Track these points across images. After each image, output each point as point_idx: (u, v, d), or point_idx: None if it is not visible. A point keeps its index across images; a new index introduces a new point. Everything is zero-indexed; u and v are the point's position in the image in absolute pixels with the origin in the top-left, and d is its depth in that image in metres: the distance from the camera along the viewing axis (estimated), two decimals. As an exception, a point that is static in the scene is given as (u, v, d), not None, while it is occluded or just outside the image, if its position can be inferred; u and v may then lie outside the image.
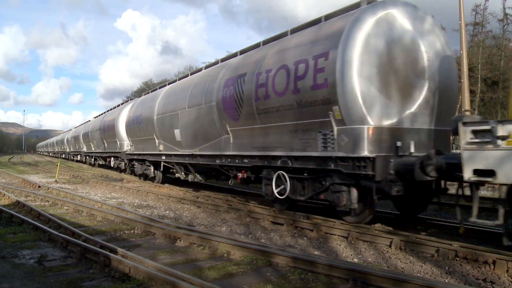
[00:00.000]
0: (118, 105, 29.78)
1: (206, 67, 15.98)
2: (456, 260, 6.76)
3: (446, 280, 5.96)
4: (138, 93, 53.02)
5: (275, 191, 10.38)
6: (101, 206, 12.53)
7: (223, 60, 14.55)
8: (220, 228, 9.69)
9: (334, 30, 9.11)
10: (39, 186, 18.65)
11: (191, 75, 17.04)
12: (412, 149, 8.35)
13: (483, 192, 6.49)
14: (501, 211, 6.32)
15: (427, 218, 10.05)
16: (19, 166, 42.62)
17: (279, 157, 10.22)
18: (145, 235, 8.86)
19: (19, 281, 5.81)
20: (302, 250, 7.62)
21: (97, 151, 33.04)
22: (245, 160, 11.59)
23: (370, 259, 7.09)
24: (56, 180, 22.69)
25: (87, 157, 39.45)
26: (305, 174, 9.76)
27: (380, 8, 8.72)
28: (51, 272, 6.21)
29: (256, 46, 12.67)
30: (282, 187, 10.26)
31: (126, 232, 9.20)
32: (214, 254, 7.25)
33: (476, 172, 6.43)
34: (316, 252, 7.52)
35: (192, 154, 14.52)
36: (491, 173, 6.22)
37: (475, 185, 6.66)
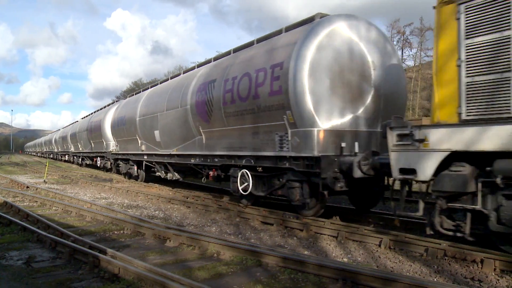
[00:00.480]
0: (105, 107, 30.61)
1: (184, 72, 17.09)
2: (445, 259, 6.82)
3: (435, 279, 6.00)
4: (128, 92, 52.79)
5: (240, 188, 11.28)
6: (90, 207, 12.46)
7: (198, 66, 15.66)
8: (210, 228, 9.68)
9: (289, 42, 10.05)
10: (27, 187, 18.48)
11: (170, 79, 18.02)
12: (357, 149, 9.22)
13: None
14: (421, 205, 7.09)
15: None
16: (6, 166, 42.15)
17: (243, 156, 11.19)
18: (135, 236, 8.82)
19: (6, 283, 5.75)
20: (292, 250, 7.64)
21: (85, 151, 33.84)
22: (216, 159, 12.55)
23: (359, 259, 7.13)
24: (44, 181, 22.50)
25: (75, 157, 40.17)
26: (260, 170, 10.85)
27: (330, 22, 9.62)
28: (40, 273, 6.16)
29: (227, 54, 13.58)
30: (246, 184, 11.13)
31: (115, 232, 9.15)
32: (204, 254, 7.24)
33: (401, 170, 7.16)
34: (306, 252, 7.54)
35: (170, 154, 15.54)
36: (413, 171, 6.96)
37: (402, 182, 7.39)
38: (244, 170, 11.18)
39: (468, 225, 6.56)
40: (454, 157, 6.54)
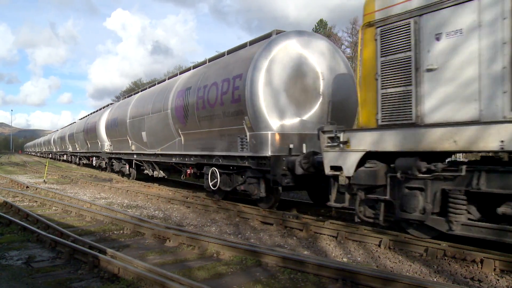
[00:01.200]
0: (100, 109, 32.11)
1: (169, 78, 18.59)
2: (445, 259, 6.82)
3: (435, 279, 6.01)
4: (127, 92, 52.77)
5: (210, 184, 12.70)
6: (90, 207, 12.46)
7: (180, 73, 17.27)
8: (209, 228, 9.68)
9: (248, 55, 11.33)
10: (27, 187, 18.48)
11: (157, 84, 19.55)
12: (304, 150, 10.38)
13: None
14: (347, 196, 8.41)
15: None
16: (6, 166, 42.14)
17: (213, 156, 12.63)
18: (135, 236, 8.82)
19: (6, 283, 5.75)
20: (291, 250, 7.63)
21: (81, 151, 35.32)
22: (192, 159, 14.02)
23: (359, 259, 7.13)
24: (44, 181, 22.50)
25: (73, 157, 41.48)
26: (231, 168, 12.14)
27: (284, 38, 10.93)
28: (39, 273, 6.16)
29: (204, 63, 15.18)
30: (215, 180, 12.51)
31: (115, 232, 9.15)
32: (204, 254, 7.24)
33: (331, 167, 8.43)
34: (305, 252, 7.54)
35: (155, 153, 17.08)
36: (340, 168, 8.23)
37: (332, 178, 8.58)
38: (213, 168, 12.62)
39: (382, 213, 7.86)
40: (369, 156, 7.86)
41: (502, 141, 6.08)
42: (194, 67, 15.83)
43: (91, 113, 35.53)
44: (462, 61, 6.73)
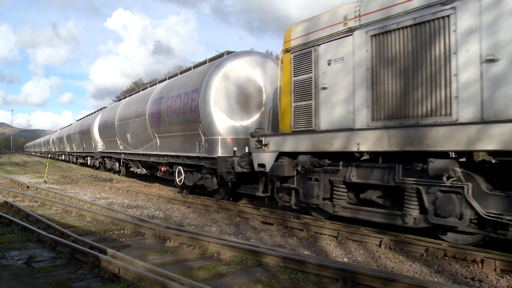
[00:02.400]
0: (94, 112, 34.62)
1: (150, 86, 20.80)
2: (445, 259, 6.82)
3: (435, 279, 6.01)
4: (127, 92, 52.81)
5: (177, 180, 14.63)
6: (91, 207, 12.46)
7: (159, 82, 19.41)
8: (210, 228, 9.68)
9: (204, 72, 13.48)
10: (27, 187, 18.49)
11: (142, 91, 21.60)
12: (246, 151, 11.98)
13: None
14: (269, 187, 10.49)
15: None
16: (7, 166, 42.16)
17: (179, 156, 14.72)
18: (135, 236, 8.82)
19: (7, 283, 5.75)
20: (292, 250, 7.63)
21: (78, 151, 37.97)
22: (164, 158, 16.16)
23: (360, 259, 7.13)
24: (45, 181, 22.51)
25: (70, 156, 44.27)
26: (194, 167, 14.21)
27: (232, 58, 12.98)
28: (40, 273, 6.16)
29: (176, 75, 17.43)
30: (181, 177, 14.49)
31: (115, 232, 9.15)
32: (204, 254, 7.24)
33: (259, 165, 10.39)
34: (306, 252, 7.54)
35: (138, 153, 19.40)
36: (264, 165, 10.27)
37: (260, 173, 10.59)
38: (179, 167, 14.61)
39: (293, 198, 9.97)
40: (281, 154, 10.03)
41: (358, 144, 8.11)
42: (169, 77, 18.23)
43: (86, 116, 37.92)
44: (343, 82, 8.68)
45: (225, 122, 12.57)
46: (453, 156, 6.83)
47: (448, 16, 6.95)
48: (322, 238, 8.57)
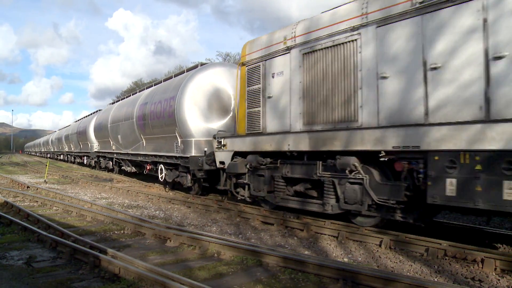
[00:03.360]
0: (89, 114, 36.44)
1: (139, 91, 22.69)
2: (445, 259, 6.82)
3: (436, 279, 6.01)
4: (127, 92, 52.92)
5: (160, 177, 16.57)
6: (91, 207, 12.47)
7: (147, 87, 21.35)
8: (210, 228, 9.68)
9: (180, 81, 15.36)
10: (27, 187, 18.49)
11: (132, 95, 23.56)
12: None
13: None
14: (228, 182, 12.01)
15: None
16: (7, 166, 42.18)
17: (161, 156, 16.46)
18: (135, 236, 8.82)
19: (7, 283, 5.75)
20: (292, 249, 7.64)
21: (75, 151, 40.02)
22: (149, 157, 17.90)
23: (360, 259, 7.13)
24: (45, 181, 22.51)
25: (68, 156, 46.40)
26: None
27: (204, 69, 14.85)
28: (40, 273, 6.16)
29: (159, 82, 19.44)
30: (163, 174, 16.34)
31: (116, 232, 9.15)
32: (204, 254, 7.24)
33: (220, 162, 12.00)
34: (306, 252, 7.55)
35: (127, 153, 21.16)
36: (223, 163, 11.81)
37: (221, 170, 12.11)
38: (161, 165, 16.56)
39: (246, 192, 11.38)
40: (236, 154, 11.52)
41: (288, 144, 9.72)
42: (154, 84, 20.37)
43: (83, 117, 39.89)
44: (283, 92, 10.18)
45: (198, 125, 14.21)
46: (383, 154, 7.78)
47: (355, 40, 8.45)
48: (322, 238, 8.57)
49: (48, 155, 66.71)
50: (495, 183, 6.16)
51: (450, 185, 6.68)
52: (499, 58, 6.35)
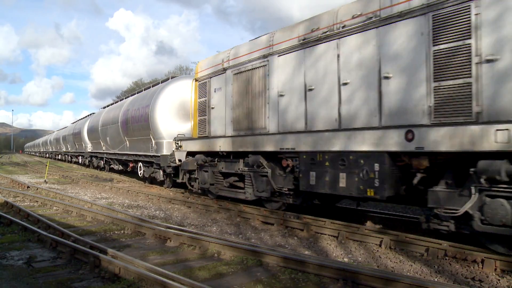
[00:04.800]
0: (85, 116, 38.89)
1: (125, 98, 25.79)
2: (446, 259, 6.82)
3: (436, 279, 6.01)
4: (128, 92, 53.06)
5: (139, 173, 19.99)
6: (91, 207, 12.46)
7: (131, 94, 24.44)
8: (210, 228, 9.68)
9: (154, 91, 18.54)
10: (28, 187, 18.49)
11: (119, 101, 26.73)
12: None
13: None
14: (182, 176, 14.59)
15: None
16: (7, 166, 42.18)
17: (140, 155, 19.59)
18: (135, 236, 8.82)
19: (7, 283, 5.75)
20: (292, 249, 7.64)
21: (72, 151, 43.04)
22: (131, 156, 21.02)
23: (360, 259, 7.13)
24: (45, 181, 22.51)
25: (66, 156, 49.24)
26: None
27: (174, 81, 18.05)
28: (40, 273, 6.16)
29: (141, 91, 22.62)
30: (141, 171, 19.66)
31: (116, 232, 9.15)
32: (205, 254, 7.24)
33: (178, 160, 14.43)
34: (306, 252, 7.55)
35: (115, 152, 24.27)
36: (181, 161, 14.32)
37: (179, 166, 14.48)
38: (140, 163, 19.90)
39: (196, 185, 13.78)
40: (189, 154, 14.02)
41: (220, 146, 12.22)
42: (137, 92, 23.49)
43: (79, 119, 42.83)
44: (220, 104, 12.58)
45: (167, 129, 16.85)
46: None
47: (266, 65, 10.74)
48: (322, 238, 8.57)
49: (47, 155, 69.18)
50: (335, 174, 8.54)
51: (312, 177, 9.13)
52: (345, 84, 8.62)
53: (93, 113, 35.28)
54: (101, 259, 6.28)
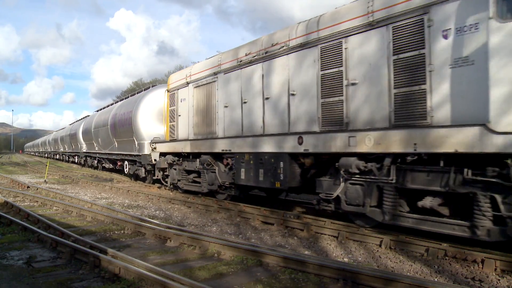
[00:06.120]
0: (80, 119, 41.44)
1: (115, 102, 27.96)
2: (446, 259, 6.82)
3: (436, 279, 6.00)
4: (128, 92, 53.08)
5: (125, 170, 22.43)
6: (91, 207, 12.46)
7: (120, 100, 26.85)
8: (210, 228, 9.68)
9: (137, 98, 21.13)
10: (28, 187, 18.50)
11: (110, 105, 28.94)
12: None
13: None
14: (160, 174, 16.74)
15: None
16: (7, 166, 42.18)
17: (125, 154, 21.97)
18: (135, 235, 8.82)
19: (7, 283, 5.75)
20: (292, 249, 7.63)
21: (69, 151, 45.39)
22: (119, 156, 23.44)
23: (360, 259, 7.12)
24: (45, 181, 22.52)
25: (63, 155, 51.59)
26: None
27: (154, 89, 20.64)
28: (40, 273, 6.16)
29: (127, 97, 25.29)
30: (127, 168, 22.12)
31: (116, 232, 9.15)
32: (205, 254, 7.24)
33: (154, 160, 16.86)
34: (306, 252, 7.54)
35: (105, 152, 26.55)
36: (155, 160, 16.86)
37: (155, 165, 16.95)
38: (126, 161, 22.40)
39: (169, 181, 16.06)
40: (162, 154, 16.35)
41: (182, 148, 14.52)
42: (124, 98, 26.20)
43: (76, 121, 44.96)
44: (185, 112, 14.75)
45: (148, 132, 18.96)
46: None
47: (215, 81, 12.96)
48: (322, 238, 8.57)
49: (46, 155, 71.12)
50: (256, 171, 10.80)
51: (242, 172, 11.37)
52: (267, 99, 10.74)
53: (88, 116, 37.59)
54: (101, 259, 6.28)
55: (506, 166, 6.01)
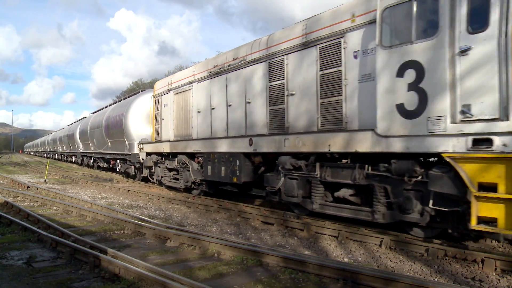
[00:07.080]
0: (77, 121, 43.45)
1: (110, 105, 29.44)
2: (446, 259, 6.82)
3: (436, 279, 6.00)
4: (127, 92, 53.17)
5: (117, 168, 24.17)
6: (91, 207, 12.46)
7: (114, 102, 28.66)
8: (210, 228, 9.68)
9: (127, 102, 23.04)
10: (28, 187, 18.50)
11: (105, 108, 30.79)
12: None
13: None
14: (147, 172, 18.88)
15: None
16: (7, 166, 42.18)
17: (117, 154, 23.57)
18: (135, 235, 8.82)
19: (7, 283, 5.75)
20: (292, 249, 7.63)
21: (67, 151, 47.38)
22: (112, 155, 25.07)
23: (360, 259, 7.12)
24: (45, 181, 22.52)
25: (62, 155, 53.22)
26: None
27: (143, 93, 22.47)
28: (40, 273, 6.16)
29: (120, 100, 27.12)
30: (119, 166, 23.81)
31: (116, 232, 9.15)
32: (205, 254, 7.24)
33: (142, 159, 18.64)
34: (306, 252, 7.54)
35: (100, 152, 28.34)
36: (143, 159, 18.61)
37: (143, 163, 18.81)
38: (118, 160, 24.09)
39: (155, 178, 17.66)
40: (148, 154, 18.04)
41: (163, 148, 16.24)
42: (118, 101, 27.88)
43: (73, 122, 47.02)
44: (167, 116, 16.33)
45: (137, 133, 20.46)
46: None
47: (191, 89, 14.49)
48: (322, 238, 8.57)
49: (45, 155, 72.74)
50: (218, 167, 12.35)
51: (209, 170, 12.92)
52: (230, 105, 12.29)
53: (84, 117, 39.36)
54: (101, 259, 6.28)
55: (393, 163, 7.51)
